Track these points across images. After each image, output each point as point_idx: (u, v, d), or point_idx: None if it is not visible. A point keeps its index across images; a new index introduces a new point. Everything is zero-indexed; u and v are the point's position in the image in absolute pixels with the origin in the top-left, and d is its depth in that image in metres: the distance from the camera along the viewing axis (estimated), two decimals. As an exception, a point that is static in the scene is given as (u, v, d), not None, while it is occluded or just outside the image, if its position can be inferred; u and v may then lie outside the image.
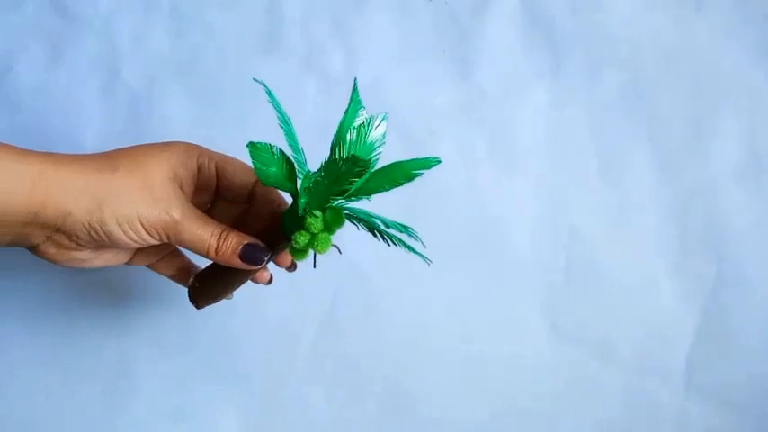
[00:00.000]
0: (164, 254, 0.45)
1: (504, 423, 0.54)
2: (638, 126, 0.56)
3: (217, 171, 0.42)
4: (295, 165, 0.38)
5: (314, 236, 0.38)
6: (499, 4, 0.56)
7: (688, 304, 0.55)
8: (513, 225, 0.55)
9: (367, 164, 0.35)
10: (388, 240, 0.40)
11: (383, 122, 0.39)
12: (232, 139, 0.44)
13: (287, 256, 0.43)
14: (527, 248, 0.55)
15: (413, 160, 0.39)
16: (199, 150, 0.41)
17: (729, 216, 0.55)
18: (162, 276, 0.47)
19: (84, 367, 0.53)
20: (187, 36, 0.56)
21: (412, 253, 0.40)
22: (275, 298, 0.54)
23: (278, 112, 0.38)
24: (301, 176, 0.38)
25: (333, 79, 0.56)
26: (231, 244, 0.39)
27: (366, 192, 0.39)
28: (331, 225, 0.38)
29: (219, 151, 0.42)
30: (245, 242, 0.39)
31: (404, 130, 0.56)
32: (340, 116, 0.39)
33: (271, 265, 0.44)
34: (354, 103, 0.39)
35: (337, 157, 0.37)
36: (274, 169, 0.36)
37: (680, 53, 0.56)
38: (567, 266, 0.55)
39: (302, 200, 0.37)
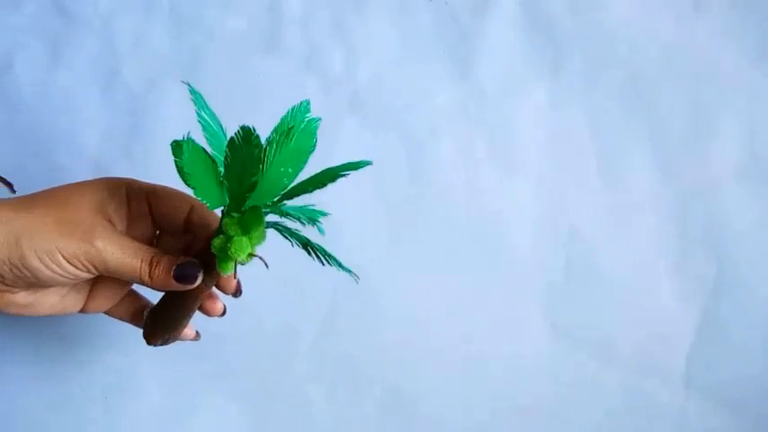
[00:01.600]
0: (119, 297, 0.45)
1: (504, 423, 0.54)
2: (638, 126, 0.56)
3: (148, 201, 0.41)
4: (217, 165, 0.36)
5: (230, 239, 0.37)
6: (499, 4, 0.56)
7: (688, 304, 0.55)
8: (513, 225, 0.55)
9: (255, 138, 0.34)
10: (322, 259, 0.38)
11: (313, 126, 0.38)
12: None
13: (230, 281, 0.43)
14: (527, 248, 0.55)
15: (344, 164, 0.37)
16: (127, 182, 0.41)
17: (729, 216, 0.55)
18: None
19: (84, 367, 0.53)
20: (187, 36, 0.56)
21: (342, 270, 0.39)
22: (275, 298, 0.54)
23: (199, 107, 0.37)
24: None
25: (333, 79, 0.56)
26: (164, 266, 0.38)
27: (289, 194, 0.37)
28: (249, 227, 0.36)
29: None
30: (179, 262, 0.38)
31: (404, 130, 0.56)
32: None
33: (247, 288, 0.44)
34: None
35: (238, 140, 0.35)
36: (196, 168, 0.35)
37: (680, 53, 0.56)
38: (567, 266, 0.55)
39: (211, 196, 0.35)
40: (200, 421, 0.53)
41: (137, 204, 0.41)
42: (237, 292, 0.44)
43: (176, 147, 0.34)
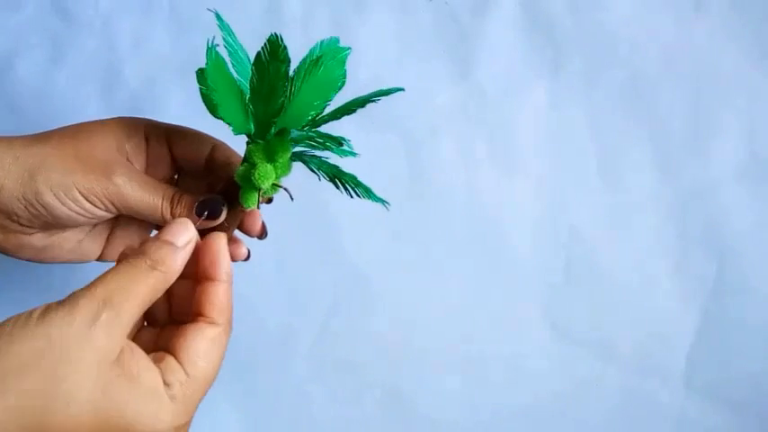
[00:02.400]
0: (138, 243, 0.43)
1: (504, 423, 0.54)
2: (638, 126, 0.56)
3: (168, 142, 0.39)
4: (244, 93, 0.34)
5: (254, 166, 0.34)
6: (499, 4, 0.56)
7: (688, 304, 0.55)
8: (513, 225, 0.55)
9: (282, 51, 0.31)
10: (351, 191, 0.36)
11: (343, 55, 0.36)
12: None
13: (255, 222, 0.40)
14: (527, 249, 0.55)
15: (375, 91, 0.36)
16: (146, 122, 0.39)
17: (729, 216, 0.55)
18: None
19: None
20: (187, 36, 0.56)
21: (374, 200, 0.37)
22: (275, 298, 0.54)
23: (227, 33, 0.35)
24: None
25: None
26: (186, 203, 0.36)
27: (316, 123, 0.35)
28: (275, 153, 0.34)
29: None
30: (201, 198, 0.36)
31: (404, 130, 0.56)
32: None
33: (253, 245, 0.43)
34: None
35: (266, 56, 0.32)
36: (220, 86, 0.33)
37: (680, 53, 0.56)
38: (567, 266, 0.55)
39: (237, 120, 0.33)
40: (200, 421, 0.53)
41: (156, 144, 0.39)
42: (263, 234, 0.41)
43: (201, 72, 0.32)
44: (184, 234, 0.32)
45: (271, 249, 0.54)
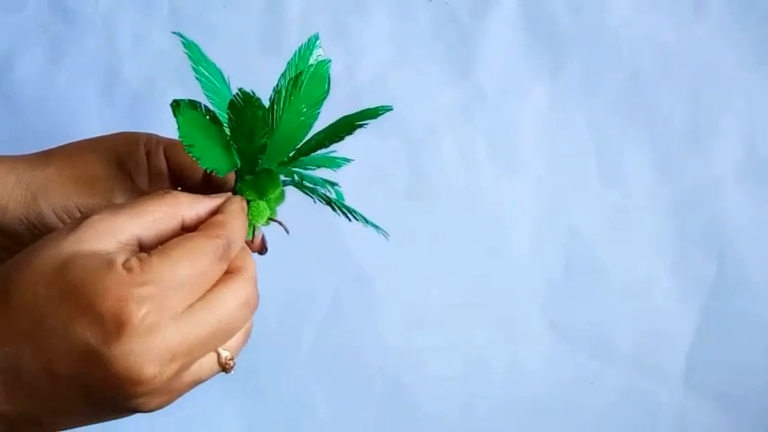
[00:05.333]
0: None
1: (503, 422, 0.54)
2: (638, 126, 0.56)
3: (166, 155, 0.39)
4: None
5: (248, 205, 0.34)
6: (499, 4, 0.56)
7: (688, 304, 0.55)
8: (513, 225, 0.55)
9: (256, 101, 0.29)
10: (348, 215, 0.35)
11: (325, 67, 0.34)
12: None
13: (254, 239, 0.39)
14: (527, 248, 0.55)
15: (362, 111, 0.34)
16: (145, 137, 0.39)
17: (729, 216, 0.55)
18: None
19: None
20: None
21: (370, 226, 0.36)
22: (275, 297, 0.54)
23: (195, 62, 0.33)
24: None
25: (333, 79, 0.56)
26: None
27: (305, 150, 0.34)
28: (265, 190, 0.34)
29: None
30: None
31: (404, 131, 0.56)
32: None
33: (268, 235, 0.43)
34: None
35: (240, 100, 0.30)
36: (197, 135, 0.31)
37: (679, 54, 0.56)
38: (567, 266, 0.55)
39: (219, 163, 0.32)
40: (200, 421, 0.53)
41: (155, 159, 0.39)
42: (263, 250, 0.41)
43: (175, 107, 0.31)
44: (207, 204, 0.32)
45: (271, 249, 0.54)
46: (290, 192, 0.54)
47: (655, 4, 0.56)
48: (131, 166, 0.38)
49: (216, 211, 0.32)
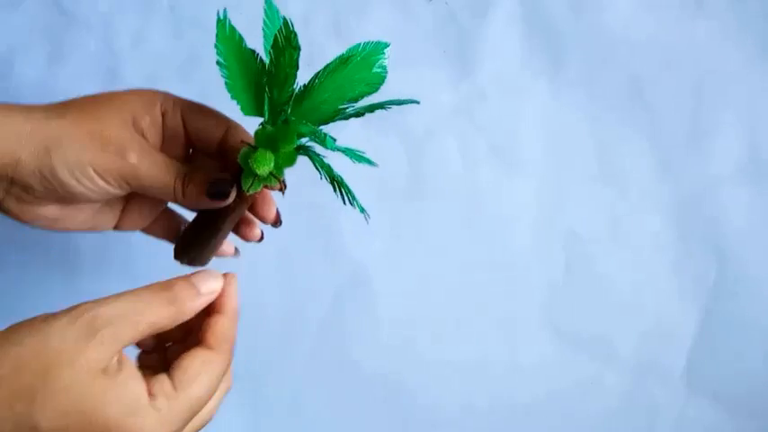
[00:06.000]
0: (154, 215, 0.43)
1: (503, 423, 0.54)
2: (638, 126, 0.56)
3: (183, 118, 0.39)
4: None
5: (254, 150, 0.35)
6: (499, 4, 0.56)
7: (688, 304, 0.55)
8: (513, 225, 0.55)
9: (294, 40, 0.31)
10: (346, 198, 0.36)
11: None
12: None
13: (268, 207, 0.41)
14: (527, 249, 0.55)
15: (389, 100, 0.36)
16: (163, 96, 0.39)
17: (729, 216, 0.55)
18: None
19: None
20: (187, 36, 0.56)
21: (362, 213, 0.36)
22: (275, 297, 0.54)
23: (267, 14, 0.35)
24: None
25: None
26: (196, 183, 0.36)
27: (326, 118, 0.35)
28: (277, 142, 0.34)
29: None
30: (211, 178, 0.37)
31: (404, 131, 0.56)
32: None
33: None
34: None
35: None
36: (233, 61, 0.33)
37: (680, 53, 0.56)
38: (567, 266, 0.55)
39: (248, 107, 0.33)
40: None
41: (171, 119, 0.39)
42: (277, 222, 0.42)
43: (220, 21, 0.33)
44: (211, 284, 0.34)
45: (272, 248, 0.54)
46: (291, 192, 0.54)
47: (655, 2, 0.56)
48: (144, 125, 0.38)
49: (218, 303, 0.35)
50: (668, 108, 0.56)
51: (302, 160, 0.38)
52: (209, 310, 0.35)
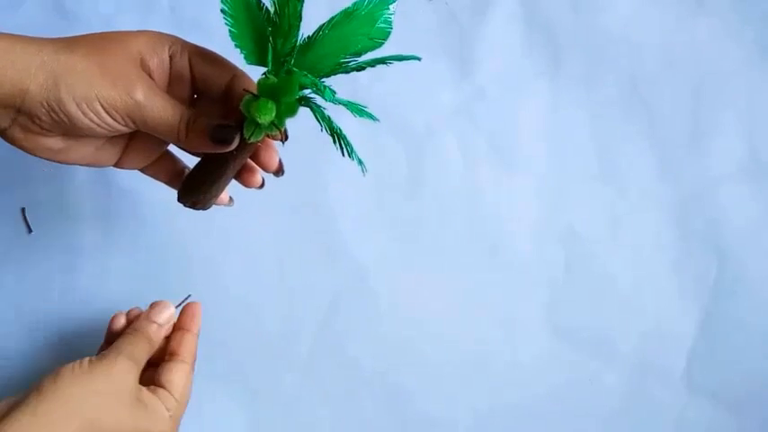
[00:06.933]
0: (155, 156, 0.44)
1: (503, 422, 0.54)
2: (638, 126, 0.56)
3: (191, 62, 0.39)
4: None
5: (256, 98, 0.35)
6: (499, 4, 0.56)
7: (688, 304, 0.55)
8: (513, 225, 0.55)
9: None
10: (345, 150, 0.37)
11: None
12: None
13: (270, 156, 0.42)
14: (527, 248, 0.55)
15: (391, 55, 0.37)
16: (172, 39, 0.39)
17: (729, 215, 0.55)
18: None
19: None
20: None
21: (360, 166, 0.37)
22: (275, 297, 0.54)
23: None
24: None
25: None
26: (200, 127, 0.37)
27: (327, 71, 0.36)
28: (280, 92, 0.35)
29: None
30: (215, 123, 0.37)
31: (404, 130, 0.56)
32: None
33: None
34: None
35: None
36: (239, 12, 0.34)
37: (680, 53, 0.56)
38: (567, 266, 0.55)
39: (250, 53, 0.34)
40: (200, 421, 0.53)
41: (179, 63, 0.39)
42: (279, 171, 0.43)
43: None
44: (165, 314, 0.45)
45: (271, 249, 0.54)
46: (290, 193, 0.54)
47: (655, 3, 0.56)
48: (152, 65, 0.38)
49: (184, 311, 0.47)
50: (668, 108, 0.56)
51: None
52: (178, 327, 0.46)
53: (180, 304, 0.47)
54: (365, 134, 0.55)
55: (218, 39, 0.56)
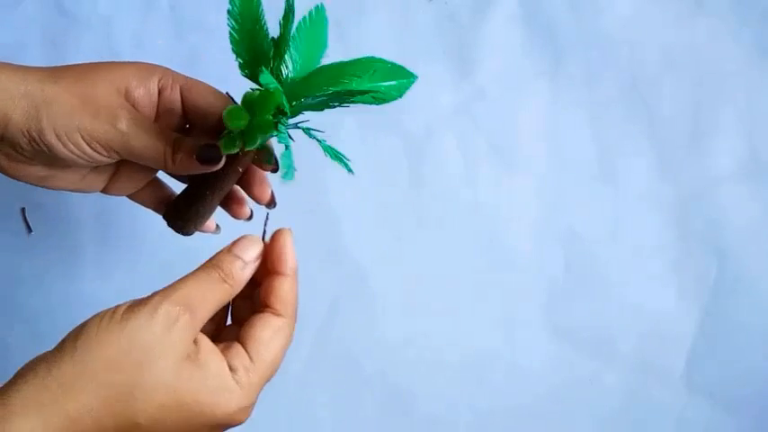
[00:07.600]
0: (143, 183, 0.43)
1: (503, 423, 0.54)
2: (638, 126, 0.56)
3: (182, 94, 0.39)
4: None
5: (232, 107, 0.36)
6: (499, 4, 0.56)
7: (688, 304, 0.55)
8: (512, 224, 0.55)
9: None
10: (328, 153, 0.37)
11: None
12: None
13: (263, 188, 0.42)
14: (527, 248, 0.55)
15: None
16: (162, 71, 0.39)
17: (729, 215, 0.55)
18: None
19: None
20: (187, 36, 0.56)
21: (341, 165, 0.37)
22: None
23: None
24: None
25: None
26: (186, 149, 0.37)
27: (313, 104, 0.36)
28: (254, 106, 0.35)
29: None
30: (202, 143, 0.37)
31: (404, 131, 0.56)
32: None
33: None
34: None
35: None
36: (244, 34, 0.35)
37: (680, 53, 0.56)
38: (567, 266, 0.55)
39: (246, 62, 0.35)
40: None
41: (170, 95, 0.39)
42: (272, 203, 0.42)
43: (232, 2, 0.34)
44: (253, 250, 0.36)
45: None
46: (291, 192, 0.54)
47: (655, 3, 0.56)
48: (137, 96, 0.38)
49: (269, 246, 0.37)
50: (668, 108, 0.56)
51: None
52: (268, 270, 0.36)
53: (264, 234, 0.38)
54: (365, 134, 0.55)
55: (219, 39, 0.56)
